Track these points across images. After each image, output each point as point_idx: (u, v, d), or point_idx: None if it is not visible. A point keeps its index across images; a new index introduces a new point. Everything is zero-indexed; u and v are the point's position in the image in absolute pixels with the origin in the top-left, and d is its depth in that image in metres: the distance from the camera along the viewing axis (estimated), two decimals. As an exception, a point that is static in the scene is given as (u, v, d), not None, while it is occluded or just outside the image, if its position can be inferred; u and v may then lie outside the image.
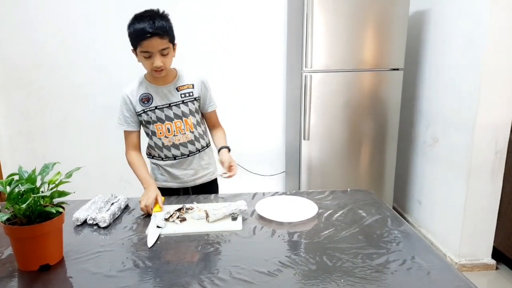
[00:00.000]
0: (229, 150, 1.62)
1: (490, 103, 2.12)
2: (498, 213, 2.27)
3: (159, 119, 1.55)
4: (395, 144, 2.68)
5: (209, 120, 1.71)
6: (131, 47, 1.50)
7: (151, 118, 1.55)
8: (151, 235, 1.20)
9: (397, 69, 2.55)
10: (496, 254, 2.33)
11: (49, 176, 1.08)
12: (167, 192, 1.60)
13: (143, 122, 1.58)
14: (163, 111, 1.54)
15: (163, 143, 1.58)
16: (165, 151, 1.60)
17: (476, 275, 2.27)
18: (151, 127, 1.57)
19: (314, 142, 2.59)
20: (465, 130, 2.23)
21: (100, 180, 3.09)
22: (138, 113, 1.56)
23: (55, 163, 1.11)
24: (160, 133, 1.57)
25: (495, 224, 2.28)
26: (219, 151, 1.61)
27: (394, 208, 3.01)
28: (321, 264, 1.04)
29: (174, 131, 1.57)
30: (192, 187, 1.69)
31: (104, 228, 1.27)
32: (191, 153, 1.62)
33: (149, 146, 1.67)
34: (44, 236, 1.01)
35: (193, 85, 1.59)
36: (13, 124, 2.97)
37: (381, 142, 2.66)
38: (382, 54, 2.52)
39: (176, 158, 1.61)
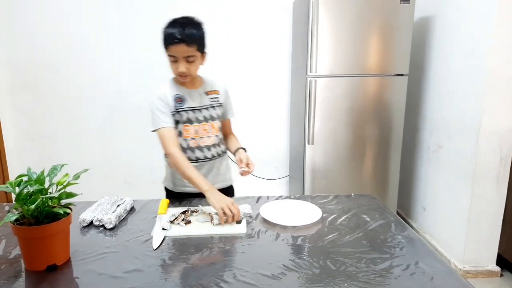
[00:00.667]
0: (246, 151, 1.65)
1: (495, 109, 2.12)
2: (503, 219, 2.26)
3: (189, 120, 1.57)
4: (399, 149, 2.68)
5: (225, 127, 1.73)
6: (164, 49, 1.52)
7: (182, 118, 1.56)
8: (156, 237, 1.21)
9: (402, 75, 2.55)
10: (501, 261, 2.32)
11: (57, 177, 1.09)
12: (185, 196, 1.61)
13: (174, 121, 1.58)
14: (194, 113, 1.57)
15: (188, 144, 1.59)
16: (189, 153, 1.60)
17: (481, 281, 2.25)
18: (179, 127, 1.58)
19: (318, 146, 2.60)
20: (469, 136, 2.22)
21: (104, 182, 3.11)
22: (172, 113, 1.57)
23: (63, 165, 1.12)
24: (188, 134, 1.58)
25: (500, 231, 2.27)
26: (235, 152, 1.64)
27: (398, 213, 3.01)
28: (325, 268, 1.04)
29: (201, 133, 1.59)
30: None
31: (110, 229, 1.28)
32: (213, 157, 1.63)
33: None
34: (51, 236, 1.02)
35: (218, 91, 1.64)
36: (19, 125, 3.01)
37: (385, 147, 2.66)
38: (386, 59, 2.53)
39: (199, 160, 1.61)
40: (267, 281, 0.98)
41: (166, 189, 1.74)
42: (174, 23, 1.45)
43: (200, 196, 1.57)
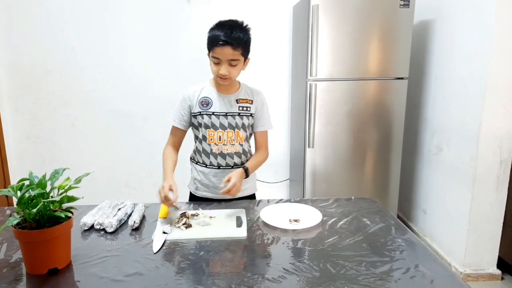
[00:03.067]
0: (247, 174, 1.55)
1: (495, 113, 2.13)
2: (503, 222, 2.26)
3: (213, 125, 1.57)
4: (399, 152, 2.68)
5: (257, 140, 1.69)
6: (207, 50, 1.52)
7: (205, 122, 1.56)
8: (157, 240, 1.22)
9: (402, 78, 2.56)
10: (502, 264, 2.32)
11: (59, 181, 1.10)
12: (206, 201, 1.61)
13: (196, 124, 1.59)
14: (218, 118, 1.56)
15: (211, 150, 1.59)
16: (211, 158, 1.60)
17: (481, 285, 2.25)
18: (203, 131, 1.58)
19: (319, 149, 2.60)
20: (470, 139, 2.23)
21: (105, 186, 3.11)
22: (194, 114, 1.58)
23: (64, 169, 1.13)
24: (211, 139, 1.58)
25: (500, 234, 2.27)
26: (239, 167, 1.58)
27: (398, 216, 3.01)
28: (325, 271, 1.04)
29: (225, 140, 1.57)
30: (230, 200, 1.60)
31: (111, 233, 1.29)
32: (235, 165, 1.61)
33: (196, 151, 1.66)
34: (53, 240, 1.03)
35: (252, 101, 1.62)
36: (21, 128, 3.02)
37: (385, 151, 2.67)
38: (386, 63, 2.54)
39: (220, 167, 1.61)
40: (267, 284, 0.98)
41: (190, 193, 1.74)
42: (222, 25, 1.46)
43: (219, 201, 1.59)
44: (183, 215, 1.39)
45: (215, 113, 1.56)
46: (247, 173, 1.55)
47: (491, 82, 2.09)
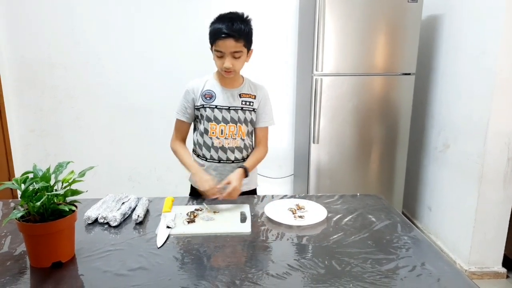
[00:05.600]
0: (246, 174, 1.53)
1: (503, 110, 2.10)
2: (510, 221, 2.24)
3: (216, 119, 1.56)
4: (405, 149, 2.66)
5: (257, 136, 1.67)
6: (209, 45, 1.52)
7: (208, 115, 1.56)
8: (161, 235, 1.21)
9: (409, 74, 2.53)
10: (507, 262, 2.30)
11: (63, 174, 1.09)
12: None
13: (199, 116, 1.59)
14: (221, 112, 1.56)
15: (212, 143, 1.58)
16: (212, 152, 1.59)
17: (486, 283, 2.24)
18: (205, 124, 1.57)
19: (323, 145, 2.59)
20: (477, 136, 2.20)
21: (109, 179, 3.12)
22: (197, 107, 1.57)
23: (68, 162, 1.12)
24: (213, 132, 1.57)
25: (506, 232, 2.25)
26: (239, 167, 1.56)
27: (403, 213, 2.99)
28: (330, 268, 1.03)
29: (226, 134, 1.57)
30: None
31: (115, 227, 1.28)
32: (236, 160, 1.61)
33: (197, 144, 1.65)
34: (57, 233, 1.02)
35: (255, 96, 1.61)
36: (25, 122, 3.02)
37: (391, 147, 2.65)
38: (393, 58, 2.51)
39: (221, 161, 1.60)
40: (272, 280, 0.98)
41: (191, 186, 1.73)
42: (223, 18, 1.45)
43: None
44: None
45: (218, 107, 1.55)
46: (246, 173, 1.54)
47: (499, 78, 2.06)
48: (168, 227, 1.26)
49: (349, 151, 2.62)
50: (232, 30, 1.41)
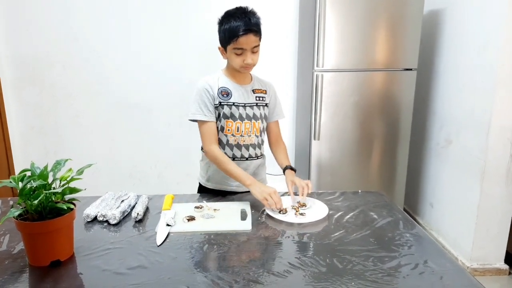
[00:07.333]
0: (295, 171, 1.58)
1: (505, 105, 2.08)
2: (512, 217, 2.22)
3: (232, 116, 1.53)
4: (407, 145, 2.64)
5: (272, 131, 1.68)
6: (219, 44, 1.49)
7: (225, 112, 1.52)
8: (160, 233, 1.20)
9: (410, 69, 2.51)
10: (509, 259, 2.29)
11: (61, 172, 1.08)
12: (215, 193, 1.59)
13: (216, 114, 1.55)
14: (238, 109, 1.53)
15: (227, 141, 1.55)
16: (227, 149, 1.56)
17: (488, 280, 2.23)
18: (221, 121, 1.54)
19: (324, 142, 2.57)
20: (479, 132, 2.18)
21: (109, 177, 3.11)
22: (215, 105, 1.53)
23: (66, 160, 1.11)
24: (229, 130, 1.54)
25: (509, 228, 2.24)
26: (284, 170, 1.60)
27: (405, 210, 2.98)
28: (332, 266, 1.02)
29: (242, 131, 1.55)
30: (243, 192, 1.60)
31: (114, 225, 1.27)
32: (250, 157, 1.59)
33: None
34: (55, 232, 1.01)
35: (266, 91, 1.61)
36: (25, 119, 3.01)
37: (392, 143, 2.63)
38: (395, 53, 2.49)
39: (235, 159, 1.57)
40: (272, 278, 0.96)
41: (199, 184, 1.71)
42: (235, 15, 1.42)
43: (231, 193, 1.59)
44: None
45: (235, 104, 1.53)
46: (294, 170, 1.59)
47: (502, 73, 2.04)
48: (168, 225, 1.25)
49: (350, 147, 2.60)
50: (251, 25, 1.40)
